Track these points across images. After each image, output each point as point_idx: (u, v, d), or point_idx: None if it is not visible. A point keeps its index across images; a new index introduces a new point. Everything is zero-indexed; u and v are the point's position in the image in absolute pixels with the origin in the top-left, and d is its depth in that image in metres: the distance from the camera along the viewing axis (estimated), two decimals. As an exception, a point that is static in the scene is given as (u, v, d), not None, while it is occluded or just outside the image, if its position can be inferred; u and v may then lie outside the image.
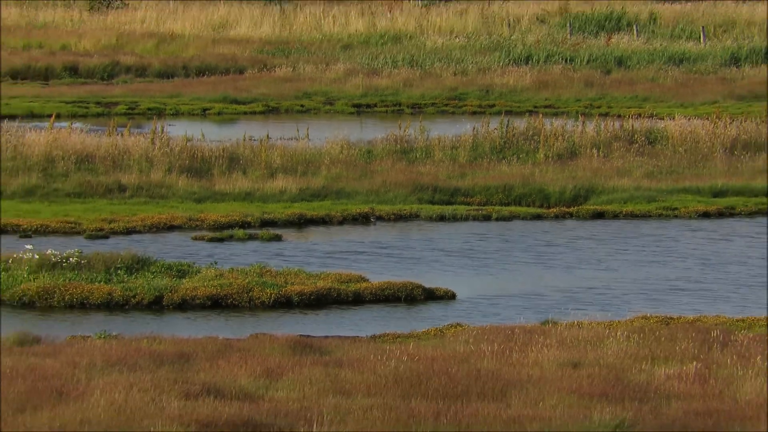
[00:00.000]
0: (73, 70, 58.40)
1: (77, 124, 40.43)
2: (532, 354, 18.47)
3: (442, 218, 34.65)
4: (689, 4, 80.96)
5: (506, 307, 26.51)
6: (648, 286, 28.03)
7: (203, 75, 58.21)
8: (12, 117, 42.32)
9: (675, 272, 29.93)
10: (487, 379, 16.61)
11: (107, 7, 78.90)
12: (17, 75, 57.70)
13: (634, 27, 66.97)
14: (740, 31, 63.45)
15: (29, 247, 26.05)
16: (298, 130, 40.71)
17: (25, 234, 29.97)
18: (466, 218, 35.17)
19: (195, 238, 31.08)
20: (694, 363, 17.09)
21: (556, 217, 34.35)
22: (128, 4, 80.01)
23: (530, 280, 29.69)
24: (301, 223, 33.83)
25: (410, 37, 68.44)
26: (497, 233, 34.40)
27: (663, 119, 42.24)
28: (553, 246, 32.90)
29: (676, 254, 31.62)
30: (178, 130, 41.91)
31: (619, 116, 43.49)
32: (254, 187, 34.35)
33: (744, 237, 33.42)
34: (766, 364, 16.59)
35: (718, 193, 34.01)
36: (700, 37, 65.31)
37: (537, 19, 72.91)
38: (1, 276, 24.73)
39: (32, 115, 45.36)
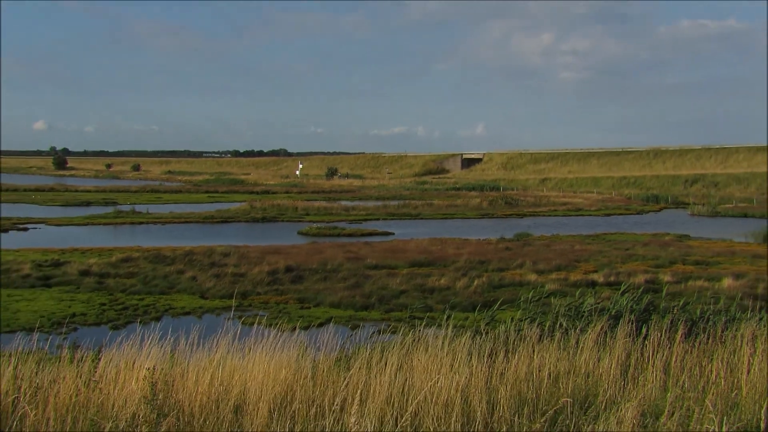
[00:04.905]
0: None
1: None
2: (410, 244, 35.39)
3: (392, 220, 55.34)
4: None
5: (409, 235, 43.44)
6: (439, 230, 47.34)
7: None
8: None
9: (460, 225, 49.64)
10: (400, 249, 33.70)
11: (330, 179, 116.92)
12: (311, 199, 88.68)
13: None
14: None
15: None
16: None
17: (302, 219, 52.23)
18: (401, 219, 55.99)
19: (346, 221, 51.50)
20: (437, 246, 40.40)
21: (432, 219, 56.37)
22: (336, 175, 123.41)
23: (414, 231, 47.57)
24: (365, 220, 54.74)
25: (384, 185, 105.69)
26: (409, 222, 55.54)
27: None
28: (427, 223, 54.31)
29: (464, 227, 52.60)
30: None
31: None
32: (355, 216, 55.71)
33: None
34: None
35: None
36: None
37: (409, 182, 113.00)
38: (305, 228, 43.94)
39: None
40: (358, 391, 5.28)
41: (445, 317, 8.02)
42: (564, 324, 7.84)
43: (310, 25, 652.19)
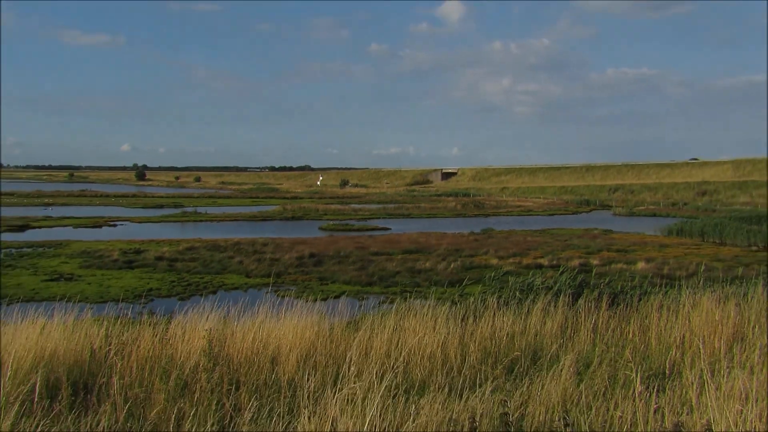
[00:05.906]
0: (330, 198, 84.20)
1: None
2: (403, 237, 34.06)
3: (390, 218, 52.27)
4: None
5: (402, 230, 42.01)
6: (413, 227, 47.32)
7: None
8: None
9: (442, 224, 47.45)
10: (395, 240, 32.56)
11: (343, 188, 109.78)
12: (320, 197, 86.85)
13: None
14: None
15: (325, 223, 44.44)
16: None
17: (322, 218, 50.29)
18: (396, 218, 52.55)
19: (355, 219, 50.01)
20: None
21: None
22: (347, 185, 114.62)
23: (406, 227, 45.88)
24: (369, 218, 52.52)
25: (383, 193, 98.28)
26: (403, 220, 53.24)
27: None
28: (419, 219, 52.27)
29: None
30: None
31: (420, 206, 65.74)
32: (361, 215, 53.28)
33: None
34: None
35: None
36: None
37: (402, 190, 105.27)
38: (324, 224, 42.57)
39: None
40: (364, 347, 5.27)
41: (430, 291, 7.94)
42: (518, 296, 7.83)
43: (330, 71, 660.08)
